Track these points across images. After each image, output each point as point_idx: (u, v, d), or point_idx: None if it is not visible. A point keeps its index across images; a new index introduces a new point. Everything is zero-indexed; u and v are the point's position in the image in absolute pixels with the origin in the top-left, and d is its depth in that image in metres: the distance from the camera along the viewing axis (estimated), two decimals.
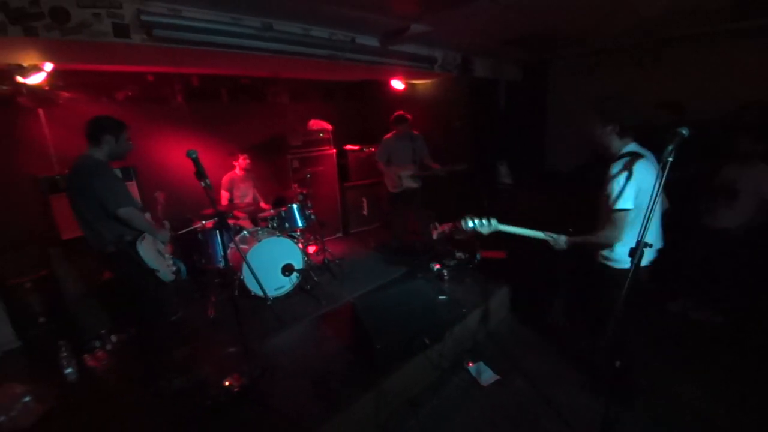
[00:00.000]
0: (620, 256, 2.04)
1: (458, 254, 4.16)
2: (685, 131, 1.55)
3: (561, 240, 2.16)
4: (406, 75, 4.85)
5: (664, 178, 1.56)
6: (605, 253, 2.13)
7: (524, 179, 4.81)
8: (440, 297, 3.37)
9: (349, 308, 2.83)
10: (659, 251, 2.16)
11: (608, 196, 1.97)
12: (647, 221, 1.61)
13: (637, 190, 1.90)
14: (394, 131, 4.40)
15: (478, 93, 5.01)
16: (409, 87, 5.31)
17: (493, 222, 2.13)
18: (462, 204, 4.79)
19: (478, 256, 4.02)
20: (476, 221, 2.14)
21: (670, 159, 1.55)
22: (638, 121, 2.02)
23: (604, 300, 2.11)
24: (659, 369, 2.69)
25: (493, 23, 3.28)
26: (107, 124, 2.33)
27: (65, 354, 2.76)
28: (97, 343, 3.06)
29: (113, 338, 3.18)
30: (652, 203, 1.61)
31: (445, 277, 3.78)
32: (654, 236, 2.07)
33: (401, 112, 4.36)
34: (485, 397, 2.61)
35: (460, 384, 2.75)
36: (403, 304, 2.77)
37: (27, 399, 2.42)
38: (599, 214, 2.11)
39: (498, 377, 2.76)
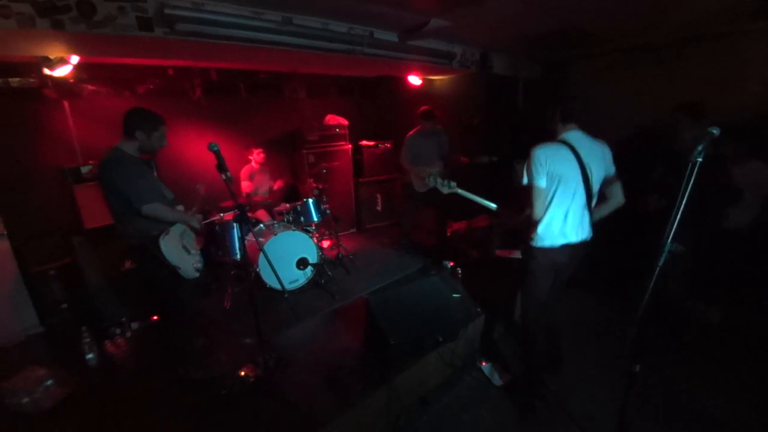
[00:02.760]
0: (542, 233, 2.17)
1: (473, 252, 4.13)
2: (716, 131, 1.49)
3: (494, 207, 2.43)
4: (424, 71, 4.81)
5: (693, 179, 1.50)
6: (531, 233, 2.24)
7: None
8: (454, 295, 3.34)
9: (362, 304, 2.84)
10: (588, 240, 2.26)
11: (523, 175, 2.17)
12: (674, 222, 1.55)
13: (547, 170, 2.07)
14: (418, 127, 4.24)
15: (495, 90, 4.93)
16: (426, 83, 5.27)
17: (453, 184, 2.45)
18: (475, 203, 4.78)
19: (493, 255, 3.98)
20: (438, 180, 2.49)
21: (700, 159, 1.49)
22: (575, 108, 2.19)
23: (529, 277, 2.32)
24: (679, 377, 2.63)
25: (514, 19, 3.22)
26: (141, 120, 2.28)
27: (87, 340, 2.84)
28: (118, 330, 3.15)
29: (133, 326, 3.26)
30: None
31: (460, 275, 3.75)
32: (576, 223, 2.18)
33: (428, 107, 4.19)
34: (497, 397, 2.59)
35: (473, 383, 2.73)
36: (417, 301, 2.77)
37: (49, 382, 2.49)
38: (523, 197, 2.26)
39: (511, 376, 2.73)
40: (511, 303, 3.38)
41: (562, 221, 2.14)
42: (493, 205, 2.44)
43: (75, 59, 3.05)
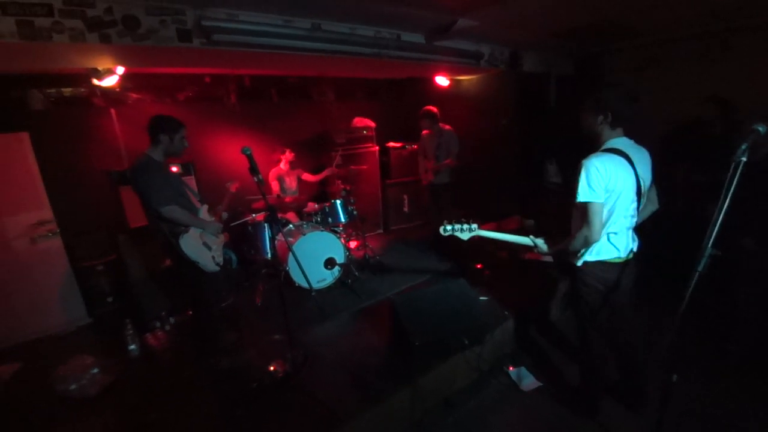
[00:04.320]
0: (585, 253, 1.99)
1: (502, 254, 4.05)
2: (762, 128, 1.40)
3: (543, 246, 2.15)
4: (451, 71, 4.78)
5: (735, 181, 1.42)
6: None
7: (575, 179, 4.57)
8: (481, 298, 3.30)
9: (388, 304, 2.87)
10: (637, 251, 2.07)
11: (576, 191, 1.89)
12: (716, 225, 1.47)
13: (605, 185, 1.84)
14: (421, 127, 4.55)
15: (526, 88, 4.82)
16: (454, 83, 5.23)
17: (474, 226, 2.13)
18: (506, 204, 4.69)
19: (523, 257, 3.90)
20: (455, 226, 2.12)
21: (744, 159, 1.40)
22: (631, 114, 1.91)
23: (579, 300, 2.11)
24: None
25: (545, 15, 3.15)
26: (163, 123, 2.46)
27: (130, 332, 3.03)
28: (158, 324, 3.33)
29: (171, 320, 3.44)
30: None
31: (487, 278, 3.70)
32: (627, 238, 2.00)
33: (425, 108, 4.42)
34: (525, 404, 2.54)
35: (499, 388, 2.69)
36: (443, 302, 2.76)
37: (95, 370, 2.67)
38: (573, 215, 2.05)
39: (540, 384, 2.66)
40: (542, 307, 3.30)
41: (617, 237, 1.96)
42: (527, 240, 2.17)
43: (121, 70, 3.26)
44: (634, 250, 2.05)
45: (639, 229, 2.12)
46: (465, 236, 2.18)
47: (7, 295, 3.27)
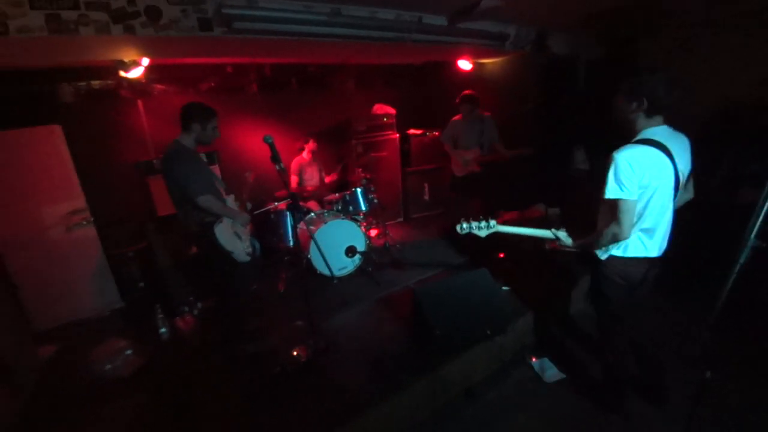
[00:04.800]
0: (613, 247, 1.89)
1: (524, 244, 3.96)
2: None
3: (566, 239, 2.07)
4: (474, 54, 4.63)
5: None
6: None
7: (603, 171, 4.38)
8: (503, 288, 3.25)
9: (408, 293, 2.86)
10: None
11: (605, 186, 1.75)
12: (759, 215, 1.37)
13: (639, 182, 1.69)
14: (461, 112, 4.23)
15: (553, 71, 4.61)
16: (477, 67, 5.07)
17: (492, 223, 2.06)
18: (529, 191, 4.56)
19: (546, 247, 3.79)
20: (473, 224, 2.07)
21: None
22: (670, 102, 1.72)
23: (602, 296, 2.03)
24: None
25: None
26: (196, 111, 2.48)
27: (160, 316, 3.16)
28: (186, 308, 3.45)
29: (199, 305, 3.55)
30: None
31: (510, 268, 3.63)
32: (661, 236, 1.87)
33: (467, 92, 4.15)
34: (547, 395, 2.50)
35: (521, 379, 2.66)
36: (465, 292, 2.73)
37: (128, 352, 2.81)
38: (600, 210, 1.91)
39: (563, 376, 2.61)
40: (565, 298, 3.22)
41: (648, 234, 1.85)
42: (548, 233, 2.11)
43: (146, 61, 3.32)
44: (666, 249, 1.91)
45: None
46: (483, 233, 2.14)
47: (46, 281, 3.45)
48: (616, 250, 1.91)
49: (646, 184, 1.72)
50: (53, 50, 2.70)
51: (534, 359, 2.77)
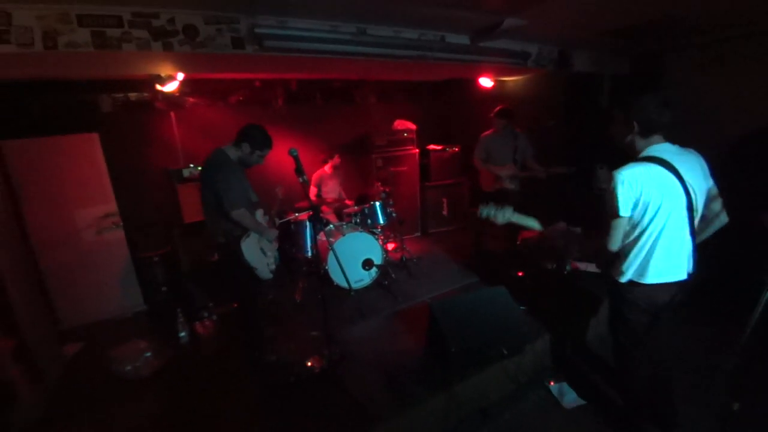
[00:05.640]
0: (626, 268, 1.85)
1: (546, 263, 3.88)
2: None
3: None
4: (496, 72, 4.67)
5: None
6: (615, 265, 1.91)
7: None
8: (521, 307, 3.19)
9: (424, 308, 2.84)
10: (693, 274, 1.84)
11: (605, 201, 1.79)
12: None
13: (635, 199, 1.71)
14: (494, 128, 4.15)
15: (575, 88, 4.60)
16: (498, 84, 5.10)
17: (508, 211, 2.11)
18: (551, 210, 4.50)
19: (568, 267, 3.72)
20: (492, 210, 2.14)
21: None
22: (665, 120, 1.74)
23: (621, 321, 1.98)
24: None
25: (598, 12, 2.99)
26: (254, 133, 2.52)
27: (181, 320, 3.24)
28: (206, 314, 3.52)
29: (218, 311, 3.62)
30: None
31: (529, 287, 3.57)
32: (681, 257, 1.80)
33: (502, 106, 4.07)
34: (566, 421, 2.41)
35: (538, 402, 2.58)
36: (482, 310, 2.69)
37: (148, 354, 2.88)
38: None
39: (584, 402, 2.51)
40: (585, 321, 3.13)
41: (665, 255, 1.78)
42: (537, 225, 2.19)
43: (181, 76, 3.51)
44: (691, 272, 1.84)
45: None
46: (500, 220, 2.15)
47: (76, 281, 3.61)
48: (634, 276, 1.85)
49: (647, 201, 1.70)
50: (97, 64, 2.89)
51: (552, 383, 2.69)
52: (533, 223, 2.17)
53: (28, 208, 3.37)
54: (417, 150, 5.52)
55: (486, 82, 4.91)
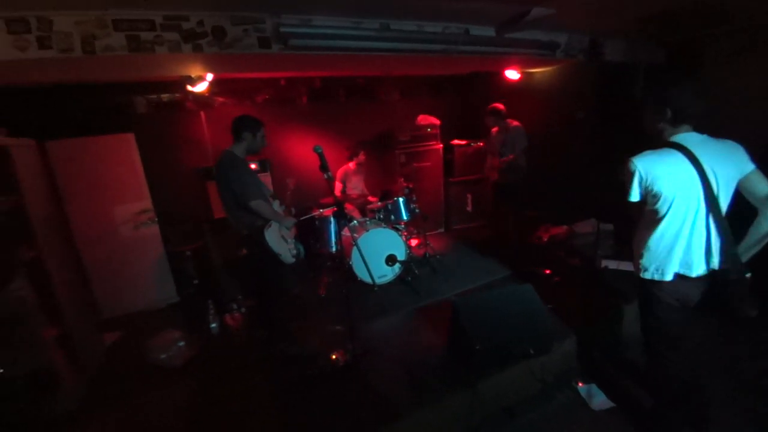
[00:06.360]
0: (649, 264, 1.83)
1: (573, 261, 3.78)
2: None
3: None
4: (523, 64, 4.54)
5: None
6: (637, 260, 1.88)
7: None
8: (548, 305, 3.11)
9: (448, 305, 2.82)
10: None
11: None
12: None
13: (644, 186, 1.72)
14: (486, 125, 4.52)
15: (607, 79, 4.41)
16: (525, 76, 4.96)
17: None
18: (581, 206, 4.36)
19: (603, 264, 3.59)
20: None
21: None
22: (698, 110, 1.72)
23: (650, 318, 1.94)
24: None
25: None
26: (246, 121, 2.66)
27: (211, 311, 3.36)
28: (235, 306, 3.65)
29: (247, 303, 3.74)
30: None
31: (556, 285, 3.48)
32: (700, 250, 1.73)
33: (492, 106, 4.36)
34: (593, 423, 2.34)
35: (565, 403, 2.51)
36: (507, 308, 2.64)
37: (181, 344, 3.01)
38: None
39: (613, 405, 2.43)
40: (616, 320, 3.02)
41: (682, 248, 1.74)
42: None
43: (210, 76, 3.61)
44: (715, 267, 1.73)
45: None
46: None
47: (114, 273, 3.82)
48: (658, 271, 1.80)
49: (658, 190, 1.69)
50: (132, 67, 3.02)
51: (581, 384, 2.61)
52: None
53: (71, 205, 3.59)
54: (441, 145, 5.46)
55: (512, 74, 4.79)
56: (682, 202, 1.69)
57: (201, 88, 3.66)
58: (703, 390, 2.06)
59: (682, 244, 1.74)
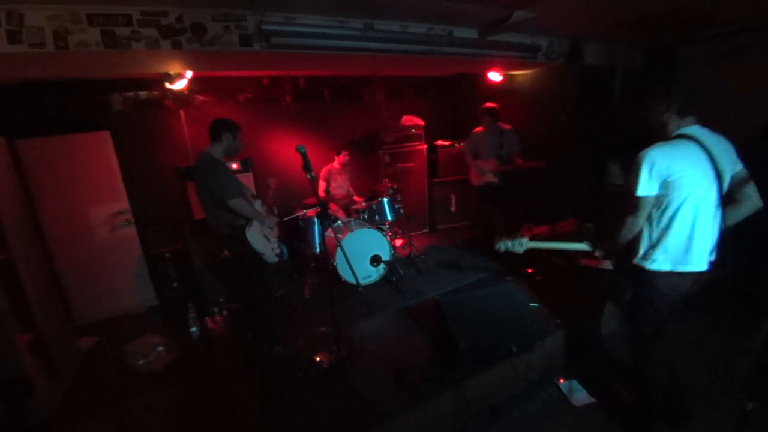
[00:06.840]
0: (657, 254, 1.82)
1: (555, 260, 3.84)
2: None
3: (595, 250, 2.05)
4: (505, 66, 4.61)
5: None
6: (641, 251, 1.86)
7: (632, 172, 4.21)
8: (531, 304, 3.16)
9: (433, 304, 2.84)
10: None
11: (629, 182, 1.79)
12: None
13: (660, 176, 1.70)
14: (481, 124, 4.37)
15: (587, 82, 4.51)
16: (507, 79, 5.04)
17: (524, 240, 2.12)
18: (562, 206, 4.44)
19: (579, 264, 3.67)
20: (509, 243, 2.15)
21: None
22: (696, 107, 1.79)
23: (646, 309, 1.92)
24: None
25: (611, 4, 2.92)
26: (226, 123, 2.68)
27: (192, 315, 3.28)
28: (216, 309, 3.57)
29: (229, 306, 3.67)
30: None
31: (538, 284, 3.53)
32: (706, 243, 1.76)
33: (488, 105, 4.27)
34: (575, 419, 2.39)
35: (548, 400, 2.56)
36: (491, 307, 2.68)
37: (160, 348, 2.93)
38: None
39: (593, 400, 2.49)
40: (596, 317, 3.09)
41: (689, 240, 1.75)
42: (585, 246, 2.09)
43: (189, 74, 3.53)
44: (713, 261, 1.80)
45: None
46: (520, 250, 2.18)
47: (90, 277, 3.69)
48: (663, 265, 1.82)
49: (677, 177, 1.68)
50: (107, 63, 2.92)
51: (562, 380, 2.66)
52: (577, 246, 2.12)
53: (43, 205, 3.45)
54: (425, 146, 5.49)
55: (495, 76, 4.85)
56: (699, 192, 1.70)
57: (180, 85, 3.57)
58: (684, 386, 2.10)
59: (698, 236, 1.75)
